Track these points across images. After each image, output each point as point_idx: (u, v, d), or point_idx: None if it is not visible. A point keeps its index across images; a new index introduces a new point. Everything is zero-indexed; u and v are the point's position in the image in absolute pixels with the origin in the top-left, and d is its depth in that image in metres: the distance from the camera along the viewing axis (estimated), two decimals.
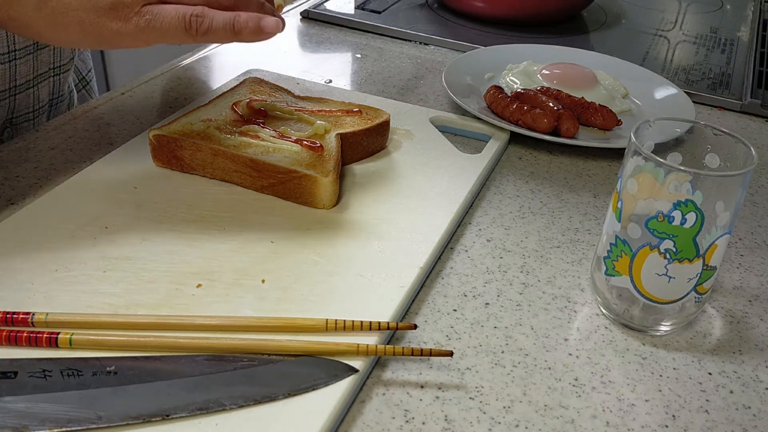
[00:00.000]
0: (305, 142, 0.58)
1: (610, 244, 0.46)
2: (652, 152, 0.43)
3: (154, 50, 0.69)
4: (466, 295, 0.49)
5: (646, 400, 0.42)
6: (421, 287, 0.50)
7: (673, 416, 0.41)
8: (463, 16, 1.02)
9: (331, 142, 0.58)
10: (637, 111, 0.76)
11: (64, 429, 0.36)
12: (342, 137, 0.59)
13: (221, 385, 0.39)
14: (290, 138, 0.59)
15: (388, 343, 0.45)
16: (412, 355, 0.42)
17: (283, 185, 0.55)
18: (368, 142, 0.62)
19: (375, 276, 0.48)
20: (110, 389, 0.38)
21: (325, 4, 1.02)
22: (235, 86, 0.68)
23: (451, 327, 0.46)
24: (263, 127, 0.60)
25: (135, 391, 0.38)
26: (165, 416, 0.37)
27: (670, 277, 0.44)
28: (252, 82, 0.68)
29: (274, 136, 0.59)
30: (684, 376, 0.44)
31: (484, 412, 0.41)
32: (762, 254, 0.56)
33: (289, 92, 0.68)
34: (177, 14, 0.45)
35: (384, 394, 0.41)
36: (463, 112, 0.71)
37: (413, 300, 0.48)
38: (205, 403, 0.38)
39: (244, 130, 0.59)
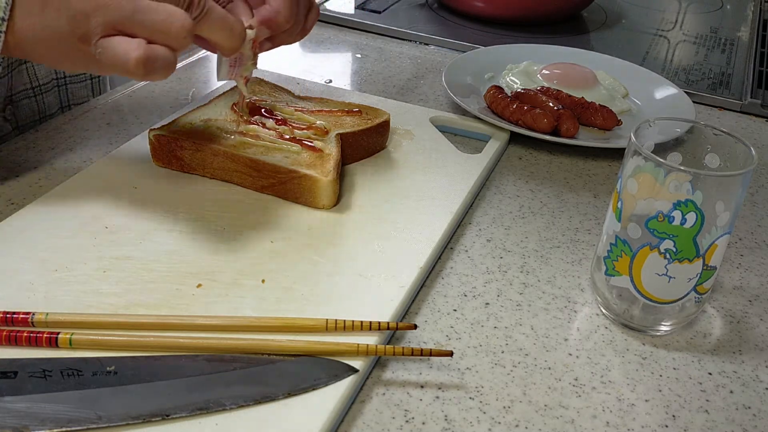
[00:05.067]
0: (305, 143, 0.58)
1: (610, 244, 0.46)
2: (652, 152, 0.43)
3: None
4: (466, 295, 0.49)
5: (646, 400, 0.42)
6: (421, 287, 0.50)
7: (673, 416, 0.41)
8: (463, 16, 1.02)
9: (331, 142, 0.58)
10: (637, 111, 0.76)
11: (64, 429, 0.36)
12: (342, 137, 0.59)
13: (221, 385, 0.39)
14: (290, 138, 0.59)
15: (388, 343, 0.45)
16: (412, 355, 0.42)
17: (283, 185, 0.55)
18: (368, 142, 0.62)
19: (375, 276, 0.48)
20: (110, 389, 0.38)
21: (325, 4, 1.02)
22: (235, 86, 0.67)
23: (451, 327, 0.47)
24: (263, 127, 0.60)
25: (135, 391, 0.38)
26: (165, 416, 0.37)
27: (670, 277, 0.44)
28: (252, 82, 0.68)
29: (274, 137, 0.59)
30: (684, 376, 0.44)
31: (484, 412, 0.41)
32: (762, 254, 0.56)
33: (289, 92, 0.68)
34: (123, 54, 0.44)
35: (384, 394, 0.41)
36: (463, 112, 0.72)
37: (413, 300, 0.48)
38: (205, 403, 0.38)
39: (244, 130, 0.59)
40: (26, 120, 0.70)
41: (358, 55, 0.89)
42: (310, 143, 0.58)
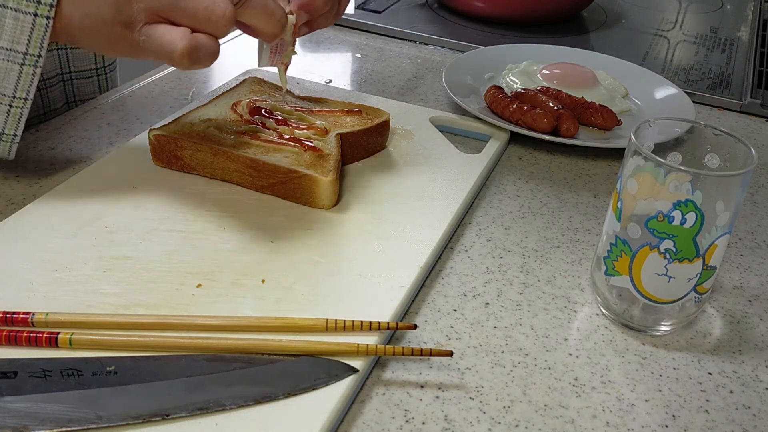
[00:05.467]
0: (305, 142, 0.58)
1: (610, 244, 0.46)
2: (652, 152, 0.43)
3: None
4: (466, 295, 0.49)
5: (646, 400, 0.42)
6: (421, 287, 0.50)
7: (673, 416, 0.41)
8: (463, 16, 1.02)
9: (331, 142, 0.58)
10: (637, 111, 0.76)
11: (64, 429, 0.36)
12: (342, 137, 0.59)
13: (221, 385, 0.39)
14: (290, 138, 0.59)
15: (388, 343, 0.45)
16: (412, 355, 0.42)
17: (283, 185, 0.55)
18: (368, 142, 0.62)
19: (375, 276, 0.48)
20: (110, 389, 0.38)
21: None
22: (235, 86, 0.68)
23: (451, 327, 0.47)
24: (263, 127, 0.60)
25: (135, 391, 0.38)
26: (165, 416, 0.37)
27: (670, 277, 0.44)
28: (252, 82, 0.68)
29: (274, 137, 0.59)
30: (684, 376, 0.44)
31: (484, 412, 0.41)
32: (762, 254, 0.56)
33: (289, 92, 0.68)
34: (168, 44, 0.45)
35: (384, 394, 0.41)
36: (463, 112, 0.72)
37: (413, 300, 0.48)
38: (205, 403, 0.38)
39: (244, 130, 0.59)
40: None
41: (358, 55, 0.89)
42: (310, 143, 0.58)
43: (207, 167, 0.57)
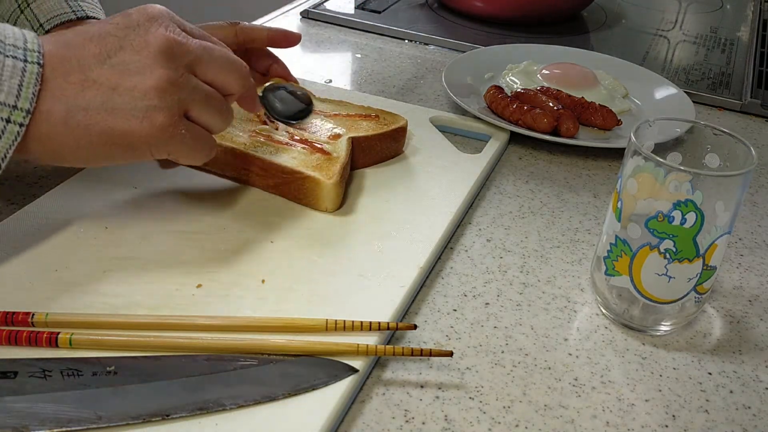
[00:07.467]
0: (315, 145, 0.58)
1: (610, 244, 0.46)
2: (652, 152, 0.43)
3: None
4: (466, 295, 0.49)
5: (646, 400, 0.42)
6: (421, 287, 0.50)
7: (673, 416, 0.41)
8: (463, 16, 1.02)
9: (341, 146, 0.58)
10: (637, 111, 0.76)
11: (64, 429, 0.36)
12: (354, 141, 0.59)
13: (221, 385, 0.39)
14: (300, 139, 0.58)
15: (388, 343, 0.45)
16: (412, 355, 0.42)
17: (288, 185, 0.55)
18: (381, 147, 0.62)
19: (375, 276, 0.48)
20: (110, 389, 0.38)
21: (325, 4, 1.02)
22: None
23: (451, 327, 0.46)
24: (276, 129, 0.60)
25: (135, 391, 0.38)
26: (165, 416, 0.37)
27: (670, 277, 0.44)
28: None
29: (284, 137, 0.59)
30: (684, 376, 0.44)
31: (484, 412, 0.41)
32: (762, 254, 0.56)
33: (311, 94, 0.68)
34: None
35: (384, 394, 0.41)
36: (463, 112, 0.72)
37: (413, 300, 0.48)
38: (205, 403, 0.38)
39: (258, 130, 0.59)
40: None
41: (358, 55, 0.89)
42: (318, 145, 0.58)
43: (217, 163, 0.57)
